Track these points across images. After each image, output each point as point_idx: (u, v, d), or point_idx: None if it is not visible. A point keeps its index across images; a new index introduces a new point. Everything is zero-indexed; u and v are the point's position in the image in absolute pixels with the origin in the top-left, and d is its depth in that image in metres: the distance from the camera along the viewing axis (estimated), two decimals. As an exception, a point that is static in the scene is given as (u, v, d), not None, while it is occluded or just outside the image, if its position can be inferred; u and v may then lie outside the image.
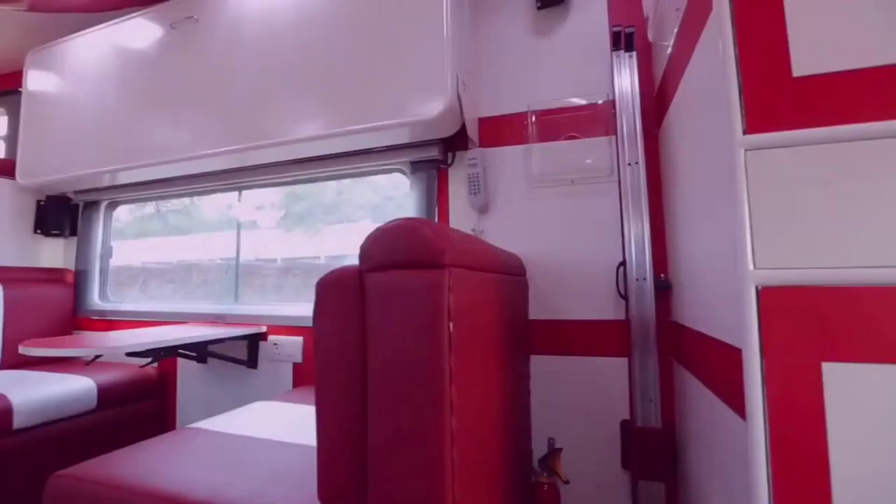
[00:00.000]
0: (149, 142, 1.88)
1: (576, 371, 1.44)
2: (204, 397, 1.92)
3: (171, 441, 1.13)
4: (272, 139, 1.63)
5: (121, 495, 0.88)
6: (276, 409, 1.37)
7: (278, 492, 0.88)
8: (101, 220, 2.38)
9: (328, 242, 2.06)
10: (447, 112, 1.37)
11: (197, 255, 2.31)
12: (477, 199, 1.53)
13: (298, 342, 1.73)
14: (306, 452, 1.06)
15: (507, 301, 1.11)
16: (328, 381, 0.73)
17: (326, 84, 1.54)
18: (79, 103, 2.09)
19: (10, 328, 1.99)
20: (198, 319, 2.00)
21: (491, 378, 0.92)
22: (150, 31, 1.93)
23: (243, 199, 2.17)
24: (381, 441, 0.66)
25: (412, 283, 0.65)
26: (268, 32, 1.67)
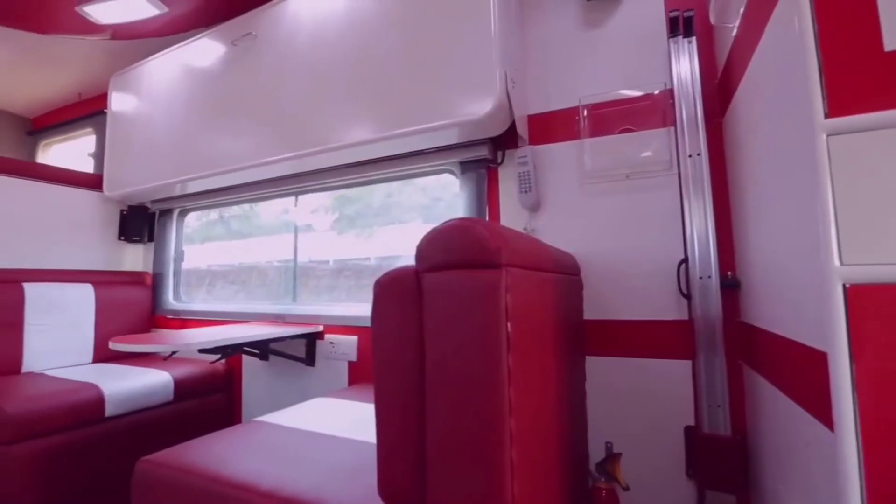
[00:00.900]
0: (214, 152, 2.01)
1: (633, 373, 1.38)
2: (266, 392, 2.03)
3: (239, 433, 1.20)
4: (325, 145, 1.69)
5: (198, 482, 0.95)
6: (334, 405, 1.42)
7: (338, 486, 0.91)
8: (174, 227, 2.58)
9: (378, 244, 2.11)
10: (496, 111, 1.36)
11: (256, 258, 2.44)
12: (528, 198, 1.51)
13: (353, 341, 1.79)
14: (364, 449, 1.09)
15: (562, 301, 1.09)
16: (387, 380, 0.75)
17: (376, 88, 1.58)
18: (154, 120, 2.28)
19: (101, 326, 2.21)
20: (259, 319, 2.11)
21: (548, 379, 0.90)
22: (213, 50, 2.07)
23: (299, 203, 2.28)
24: (440, 440, 0.67)
25: (469, 284, 0.65)
26: (319, 43, 1.74)
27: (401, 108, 1.52)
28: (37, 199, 2.26)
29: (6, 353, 1.92)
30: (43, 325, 2.03)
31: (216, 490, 0.93)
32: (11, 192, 2.16)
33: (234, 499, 0.90)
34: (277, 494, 0.88)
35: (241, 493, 0.90)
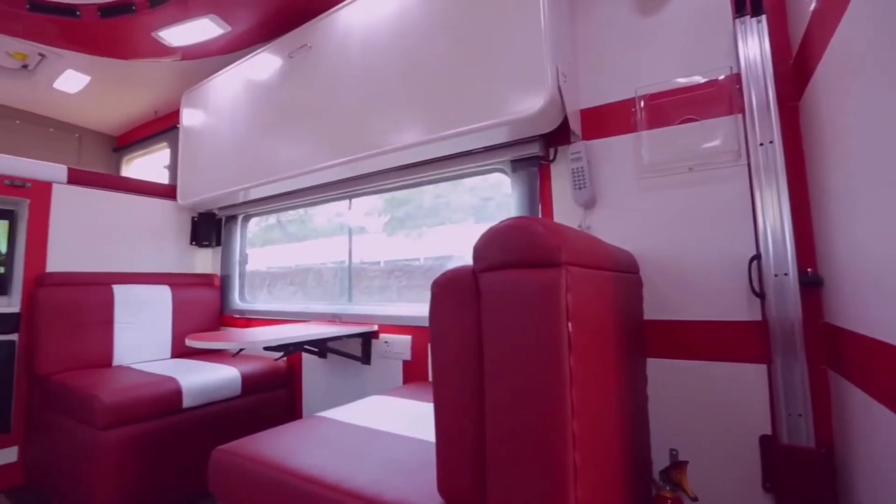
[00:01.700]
0: (273, 160, 2.12)
1: (699, 376, 1.30)
2: (325, 389, 2.11)
3: (303, 427, 1.25)
4: (377, 149, 1.73)
5: (268, 472, 1.01)
6: (390, 403, 1.45)
7: (398, 482, 0.93)
8: (238, 232, 2.75)
9: (428, 244, 2.13)
10: (548, 107, 1.34)
11: (311, 260, 2.55)
12: (582, 195, 1.47)
13: (407, 341, 1.82)
14: (421, 446, 1.11)
15: (622, 300, 1.05)
16: (445, 379, 0.75)
17: (426, 91, 1.60)
18: (220, 132, 2.44)
19: (177, 324, 2.40)
20: (317, 318, 2.20)
21: (609, 381, 0.87)
22: (272, 63, 2.18)
23: (352, 206, 2.35)
24: (500, 441, 0.66)
25: (528, 283, 0.64)
26: (370, 49, 1.79)
27: (450, 109, 1.53)
28: (122, 209, 2.48)
29: (100, 348, 2.13)
30: (129, 323, 2.23)
31: (284, 480, 0.97)
32: (102, 203, 2.40)
33: (301, 489, 0.94)
34: (340, 487, 0.91)
35: (308, 484, 0.94)
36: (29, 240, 2.13)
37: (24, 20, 2.21)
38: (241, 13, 2.13)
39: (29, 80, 2.86)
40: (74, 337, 2.07)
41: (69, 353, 2.04)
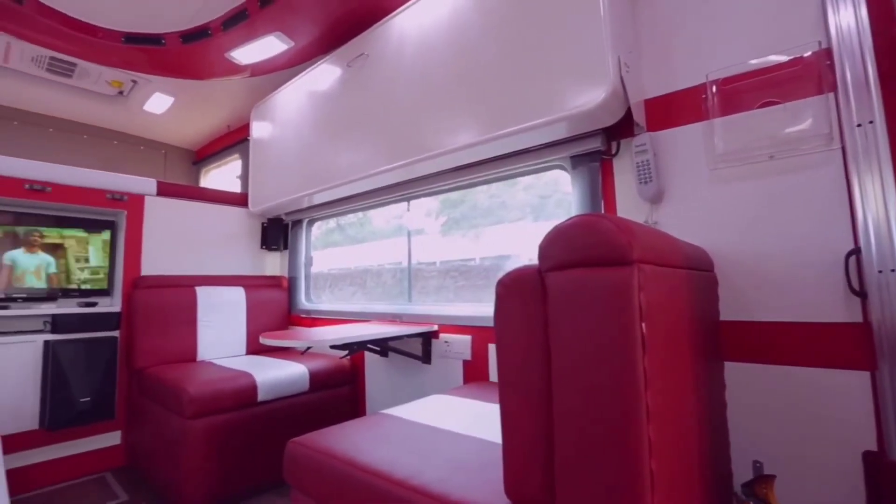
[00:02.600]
0: (334, 166, 2.21)
1: (787, 383, 1.19)
2: (386, 387, 2.17)
3: (369, 424, 1.29)
4: (433, 151, 1.75)
5: (338, 465, 1.05)
6: (452, 402, 1.46)
7: (463, 481, 0.93)
8: (304, 235, 2.90)
9: (483, 244, 2.12)
10: (610, 99, 1.28)
11: (370, 262, 2.63)
12: (648, 189, 1.40)
13: (467, 341, 1.83)
14: (484, 446, 1.10)
15: (696, 299, 0.98)
16: (511, 380, 0.75)
17: (481, 90, 1.59)
18: (285, 142, 2.58)
19: (251, 323, 2.57)
20: (378, 318, 2.27)
21: (685, 384, 0.82)
22: (332, 73, 2.28)
23: (402, 208, 2.40)
24: (571, 446, 0.65)
25: (598, 282, 0.62)
26: (425, 53, 1.81)
27: (507, 107, 1.51)
28: (202, 217, 2.70)
29: (186, 345, 2.33)
30: (210, 322, 2.42)
31: (354, 474, 1.01)
32: (185, 212, 2.62)
33: (370, 484, 0.97)
34: (407, 483, 0.93)
35: (376, 479, 0.97)
36: (127, 246, 2.38)
37: (120, 52, 2.47)
38: (302, 28, 2.25)
39: (124, 105, 3.20)
40: (164, 334, 2.28)
41: (160, 348, 2.26)
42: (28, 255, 2.20)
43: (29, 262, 2.20)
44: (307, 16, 2.16)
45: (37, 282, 2.21)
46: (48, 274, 2.24)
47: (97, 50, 2.46)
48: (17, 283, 2.16)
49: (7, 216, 2.14)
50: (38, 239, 2.22)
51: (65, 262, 2.28)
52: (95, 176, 2.34)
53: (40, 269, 2.22)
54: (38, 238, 2.22)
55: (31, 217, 2.21)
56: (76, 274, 2.31)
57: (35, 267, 2.21)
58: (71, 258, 2.30)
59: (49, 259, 2.24)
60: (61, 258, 2.27)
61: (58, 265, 2.26)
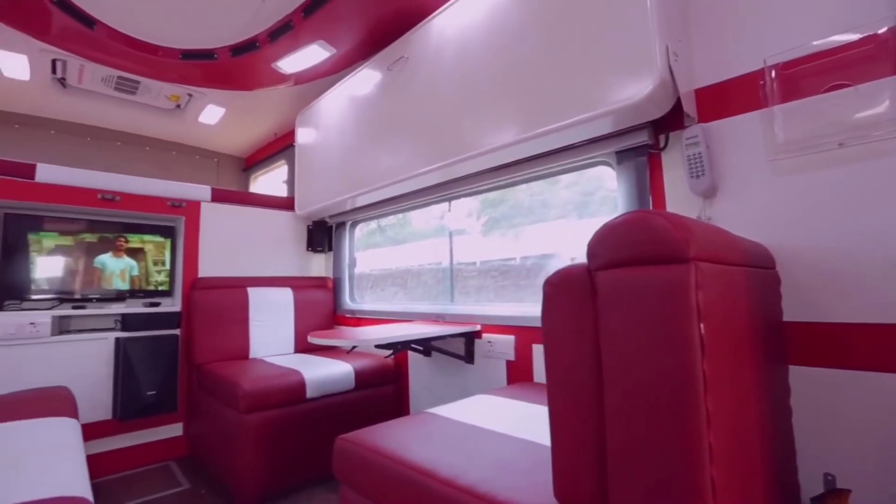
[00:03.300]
0: (376, 169, 2.25)
1: (861, 389, 1.09)
2: (430, 386, 2.18)
3: (414, 422, 1.31)
4: (474, 151, 1.75)
5: (386, 462, 1.07)
6: (496, 403, 1.45)
7: (510, 481, 0.93)
8: (347, 237, 2.97)
9: (524, 243, 2.10)
10: (657, 91, 1.23)
11: (410, 262, 2.66)
12: (700, 183, 1.33)
13: (510, 341, 1.81)
14: (530, 447, 1.09)
15: (757, 299, 0.93)
16: (560, 381, 0.73)
17: (522, 87, 1.58)
18: (328, 147, 2.66)
19: (298, 322, 2.67)
20: (421, 318, 2.29)
21: (747, 389, 0.78)
22: (372, 78, 2.32)
23: (442, 208, 2.41)
24: (624, 449, 0.63)
25: (653, 281, 0.60)
26: (464, 53, 1.81)
27: (548, 104, 1.49)
28: (252, 221, 2.84)
29: (239, 343, 2.45)
30: (261, 321, 2.54)
31: (401, 471, 1.03)
32: (236, 216, 2.76)
33: (417, 482, 0.98)
34: (454, 483, 0.93)
35: (423, 477, 0.98)
36: (185, 250, 2.54)
37: (178, 68, 2.63)
38: (344, 35, 2.31)
39: (180, 117, 3.41)
40: (220, 332, 2.41)
41: (216, 345, 2.39)
42: (114, 259, 2.42)
43: (115, 266, 2.42)
44: (348, 23, 2.21)
45: (121, 283, 2.43)
46: (131, 276, 2.45)
47: (158, 67, 2.63)
48: (105, 284, 2.38)
49: (81, 223, 2.33)
50: (124, 244, 2.44)
51: (144, 264, 2.48)
52: (157, 184, 2.51)
53: (125, 271, 2.45)
54: (124, 243, 2.44)
55: (102, 224, 2.39)
56: (154, 276, 2.51)
57: (120, 270, 2.43)
58: (150, 261, 2.50)
59: (132, 262, 2.46)
60: (141, 261, 2.48)
61: (139, 268, 2.47)
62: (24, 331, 2.03)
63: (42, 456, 1.16)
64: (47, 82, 2.83)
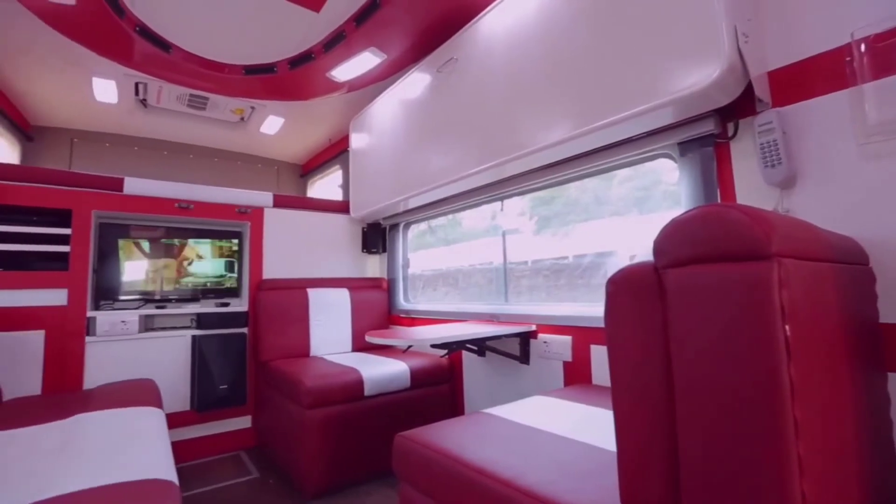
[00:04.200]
0: (428, 171, 2.28)
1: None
2: (484, 386, 2.18)
3: (471, 422, 1.31)
4: (526, 149, 1.72)
5: (445, 461, 1.08)
6: (553, 404, 1.42)
7: (571, 485, 0.90)
8: (400, 238, 3.03)
9: (576, 242, 2.04)
10: (725, 76, 1.15)
11: (461, 262, 2.67)
12: (776, 173, 1.23)
13: (567, 341, 1.77)
14: (590, 451, 1.06)
15: (848, 298, 0.84)
16: (625, 384, 0.70)
17: (574, 82, 1.53)
18: (381, 151, 2.73)
19: (355, 322, 2.76)
20: (474, 318, 2.29)
21: (839, 397, 0.71)
22: (423, 80, 2.35)
23: (492, 208, 2.39)
24: (699, 460, 0.59)
25: (730, 279, 0.56)
26: (514, 51, 1.79)
27: (603, 97, 1.44)
28: (310, 225, 2.97)
29: (301, 341, 2.58)
30: (321, 321, 2.65)
31: (459, 471, 1.03)
32: (296, 220, 2.90)
33: (476, 481, 0.98)
34: (514, 484, 0.92)
35: (481, 477, 0.98)
36: (251, 253, 2.70)
37: (242, 83, 2.81)
38: (394, 41, 2.36)
39: (244, 129, 3.64)
40: (283, 331, 2.54)
41: (280, 343, 2.52)
42: (210, 260, 2.68)
43: (209, 266, 2.68)
44: (398, 28, 2.26)
45: (208, 282, 2.68)
46: (218, 277, 2.69)
47: (224, 84, 2.82)
48: (191, 282, 2.64)
49: (161, 230, 2.55)
50: (227, 248, 2.70)
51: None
52: (226, 193, 2.69)
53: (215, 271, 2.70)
54: (225, 247, 2.70)
55: (177, 230, 2.60)
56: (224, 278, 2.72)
57: (212, 270, 2.69)
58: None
59: (222, 263, 2.70)
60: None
61: (221, 269, 2.70)
62: (116, 328, 2.25)
63: (134, 441, 1.27)
64: (131, 104, 3.13)
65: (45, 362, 2.07)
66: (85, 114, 3.28)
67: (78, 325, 2.16)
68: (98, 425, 1.39)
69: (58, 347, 2.10)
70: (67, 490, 0.95)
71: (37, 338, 2.06)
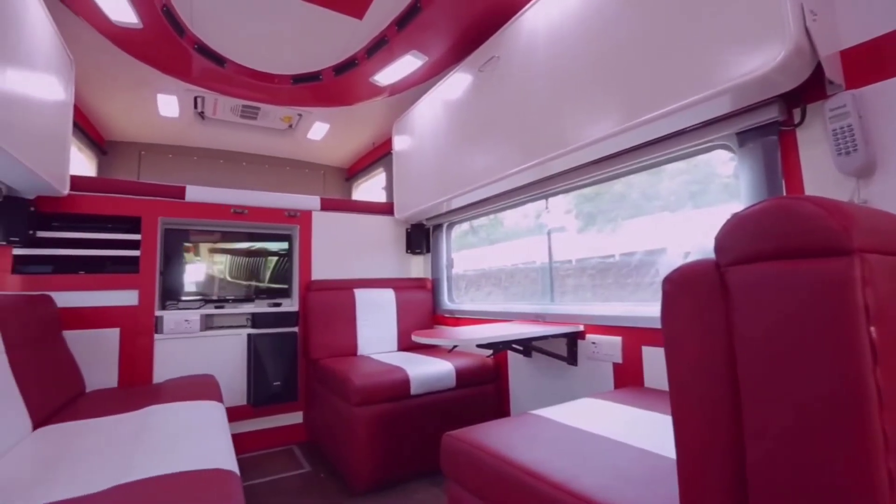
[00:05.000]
0: (470, 171, 2.28)
1: None
2: (531, 387, 2.15)
3: (519, 423, 1.29)
4: (571, 145, 1.68)
5: (494, 462, 1.07)
6: (604, 407, 1.38)
7: (628, 492, 0.87)
8: (444, 239, 3.05)
9: (623, 239, 1.97)
10: (791, 58, 1.07)
11: (504, 262, 2.64)
12: (852, 160, 1.13)
13: (617, 342, 1.71)
14: (645, 457, 1.02)
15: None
16: (684, 387, 0.67)
17: (622, 74, 1.48)
18: (424, 152, 2.76)
19: (401, 322, 2.80)
20: (520, 318, 2.26)
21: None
22: (464, 80, 2.35)
23: (535, 207, 2.35)
24: (770, 473, 0.55)
25: (804, 277, 0.52)
26: (557, 45, 1.75)
27: (653, 88, 1.38)
28: (356, 226, 3.05)
29: (348, 340, 2.65)
30: (367, 321, 2.71)
31: (509, 472, 1.02)
32: (342, 223, 2.99)
33: (526, 484, 0.97)
34: (566, 487, 0.90)
35: (532, 479, 0.96)
36: (300, 255, 2.81)
37: (290, 92, 2.93)
38: (435, 42, 2.37)
39: (292, 136, 3.79)
40: (332, 330, 2.62)
41: (329, 342, 2.60)
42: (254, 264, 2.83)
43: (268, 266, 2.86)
44: (439, 30, 2.27)
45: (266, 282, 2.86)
46: (272, 275, 2.85)
47: (274, 94, 2.95)
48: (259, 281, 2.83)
49: (217, 234, 2.71)
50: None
51: (267, 268, 2.85)
52: (277, 197, 2.81)
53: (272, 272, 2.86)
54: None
55: (232, 234, 2.75)
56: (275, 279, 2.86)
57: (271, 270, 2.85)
58: (272, 265, 2.87)
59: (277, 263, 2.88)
60: (265, 265, 2.85)
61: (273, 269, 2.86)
62: (181, 326, 2.41)
63: (199, 433, 1.36)
64: (190, 117, 3.34)
65: (121, 358, 2.25)
66: (151, 128, 3.54)
67: (148, 323, 2.33)
68: (168, 416, 1.50)
69: (131, 344, 2.28)
70: (144, 475, 1.02)
71: (113, 335, 2.24)
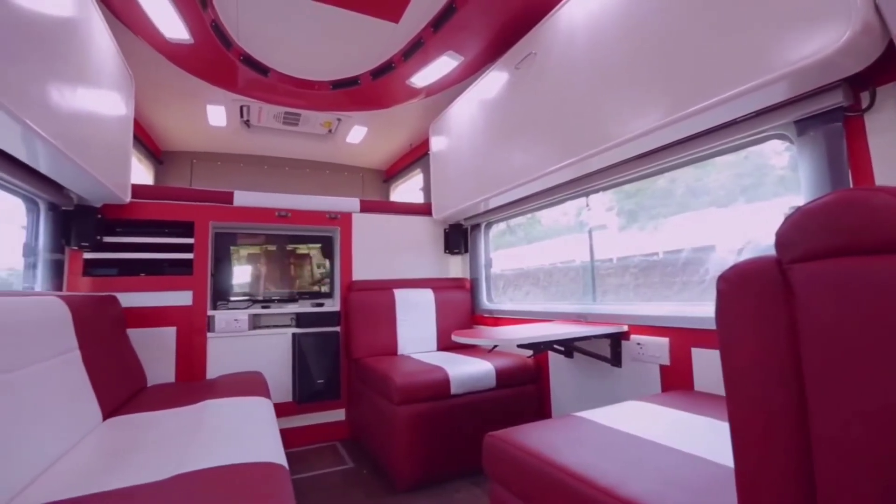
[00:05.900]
0: (508, 170, 2.26)
1: None
2: (573, 388, 2.10)
3: (562, 425, 1.27)
4: (613, 140, 1.63)
5: (537, 463, 1.06)
6: (652, 410, 1.33)
7: (679, 499, 0.84)
8: (482, 239, 3.04)
9: (667, 236, 1.89)
10: (857, 38, 0.99)
11: (542, 261, 2.60)
12: (930, 147, 1.04)
13: (664, 343, 1.64)
14: (698, 463, 0.97)
15: None
16: (742, 392, 0.63)
17: (666, 63, 1.42)
18: (461, 152, 2.76)
19: (440, 322, 2.82)
20: (561, 318, 2.22)
21: None
22: (500, 79, 2.34)
23: (574, 206, 2.29)
24: (842, 487, 0.51)
25: (881, 275, 0.48)
26: (596, 37, 1.71)
27: (701, 76, 1.31)
28: (394, 227, 3.09)
29: (389, 340, 2.69)
30: (407, 321, 2.75)
31: (553, 474, 1.00)
32: (381, 224, 3.04)
33: (572, 487, 0.95)
34: (615, 493, 0.88)
35: (578, 483, 0.94)
36: (341, 256, 2.88)
37: (330, 98, 3.01)
38: (471, 42, 2.37)
39: (332, 141, 3.90)
40: (373, 330, 2.67)
41: (370, 342, 2.65)
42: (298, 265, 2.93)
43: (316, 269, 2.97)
44: (475, 29, 2.26)
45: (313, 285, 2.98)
46: (319, 276, 2.97)
47: (314, 100, 3.04)
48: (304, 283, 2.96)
49: (262, 237, 2.82)
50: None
51: (311, 269, 2.95)
52: (318, 200, 2.90)
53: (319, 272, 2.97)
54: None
55: (277, 237, 2.85)
56: (318, 280, 2.94)
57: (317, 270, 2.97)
58: (315, 266, 2.96)
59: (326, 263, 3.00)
60: (308, 266, 2.94)
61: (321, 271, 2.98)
62: (231, 325, 2.53)
63: (250, 427, 1.42)
64: (237, 125, 3.50)
65: (177, 354, 2.39)
66: (201, 137, 3.73)
67: (201, 322, 2.46)
68: (221, 411, 1.58)
69: (186, 342, 2.41)
70: (202, 466, 1.08)
71: (170, 333, 2.39)
